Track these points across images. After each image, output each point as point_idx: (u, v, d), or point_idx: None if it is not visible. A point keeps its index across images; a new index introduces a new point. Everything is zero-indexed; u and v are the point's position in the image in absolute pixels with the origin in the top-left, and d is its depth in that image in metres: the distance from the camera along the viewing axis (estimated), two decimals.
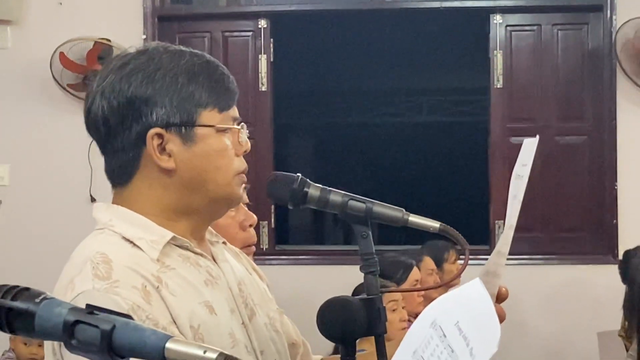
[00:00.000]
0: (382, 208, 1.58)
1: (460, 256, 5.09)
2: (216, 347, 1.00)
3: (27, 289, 1.06)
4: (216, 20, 5.86)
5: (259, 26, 5.81)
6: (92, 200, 5.44)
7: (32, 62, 5.64)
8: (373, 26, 8.05)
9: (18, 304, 1.04)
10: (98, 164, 1.66)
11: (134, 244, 1.56)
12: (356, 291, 3.57)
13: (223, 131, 1.61)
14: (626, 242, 5.24)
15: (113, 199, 1.64)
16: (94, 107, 1.60)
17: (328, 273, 5.52)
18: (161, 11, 5.78)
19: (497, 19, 5.70)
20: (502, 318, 1.46)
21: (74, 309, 1.03)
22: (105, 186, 1.67)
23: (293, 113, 9.59)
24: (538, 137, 1.56)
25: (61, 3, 5.66)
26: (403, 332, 1.98)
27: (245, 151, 1.65)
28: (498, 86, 5.71)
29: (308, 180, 1.60)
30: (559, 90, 5.70)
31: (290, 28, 6.74)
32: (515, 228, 1.56)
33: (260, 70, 5.79)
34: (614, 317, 4.81)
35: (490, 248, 5.47)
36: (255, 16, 5.82)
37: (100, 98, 1.59)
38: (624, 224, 5.50)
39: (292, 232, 9.13)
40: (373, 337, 1.54)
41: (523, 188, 1.55)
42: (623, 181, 5.52)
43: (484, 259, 1.63)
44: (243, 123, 1.66)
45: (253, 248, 2.33)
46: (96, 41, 5.52)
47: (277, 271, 5.41)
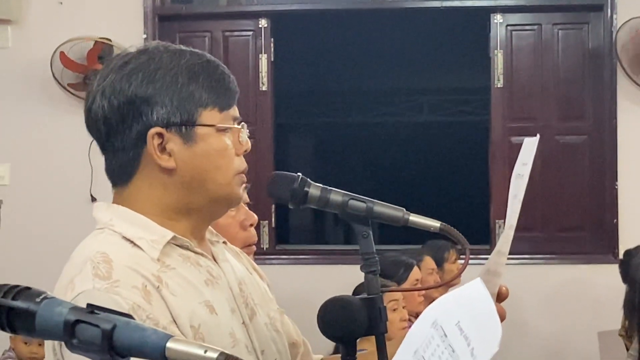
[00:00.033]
0: (383, 208, 1.58)
1: (460, 256, 5.09)
2: (217, 347, 1.00)
3: (28, 289, 1.06)
4: (217, 19, 5.85)
5: (260, 26, 5.81)
6: (93, 199, 5.43)
7: (33, 62, 5.64)
8: (373, 26, 8.05)
9: (19, 304, 1.04)
10: (98, 164, 1.66)
11: (135, 244, 1.56)
12: (357, 291, 3.57)
13: (223, 131, 1.61)
14: (626, 242, 5.24)
15: (113, 199, 1.64)
16: (95, 107, 1.60)
17: (328, 273, 5.52)
18: (161, 11, 5.78)
19: (498, 19, 5.70)
20: (503, 317, 1.45)
21: (75, 309, 1.03)
22: (105, 186, 1.66)
23: (293, 113, 9.59)
24: (538, 137, 1.56)
25: (61, 2, 5.66)
26: (403, 332, 1.98)
27: (245, 151, 1.65)
28: (498, 86, 5.71)
29: (308, 179, 1.60)
30: (560, 89, 5.69)
31: (290, 28, 6.73)
32: (515, 227, 1.56)
33: (260, 69, 5.79)
34: (615, 317, 4.81)
35: (490, 247, 5.47)
36: (255, 16, 5.82)
37: (100, 97, 1.59)
38: (624, 224, 5.50)
39: (293, 232, 9.12)
40: (373, 337, 1.54)
41: (523, 187, 1.55)
42: (623, 181, 5.52)
43: (485, 259, 1.63)
44: (243, 122, 1.66)
45: (254, 247, 2.33)
46: (96, 41, 5.52)
47: (278, 271, 5.41)
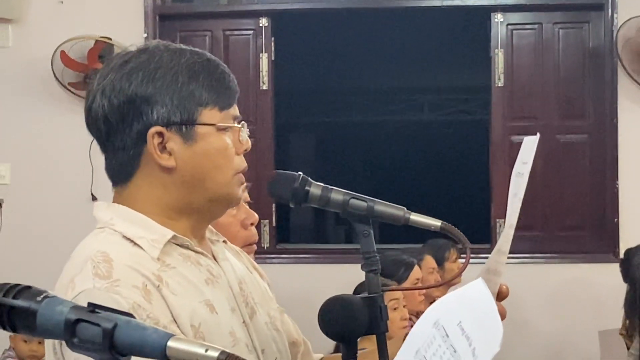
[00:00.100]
0: (384, 207, 1.57)
1: (461, 255, 5.09)
2: (217, 346, 1.00)
3: (29, 288, 1.06)
4: (217, 18, 5.85)
5: (260, 25, 5.81)
6: (94, 198, 5.43)
7: (33, 61, 5.64)
8: (374, 25, 8.05)
9: (20, 303, 1.04)
10: (99, 163, 1.66)
11: (135, 243, 1.56)
12: (357, 290, 3.57)
13: (223, 130, 1.61)
14: (627, 241, 5.24)
15: (113, 198, 1.64)
16: (95, 106, 1.60)
17: (329, 272, 5.52)
18: (162, 10, 5.78)
19: (498, 18, 5.70)
20: (503, 316, 1.45)
21: (76, 308, 1.03)
22: (106, 185, 1.66)
23: (294, 112, 9.59)
24: (538, 135, 1.56)
25: (62, 1, 5.66)
26: (404, 331, 1.98)
27: (245, 150, 1.65)
28: (499, 85, 5.71)
29: (309, 179, 1.60)
30: (560, 88, 5.69)
31: (291, 27, 6.74)
32: (516, 227, 1.55)
33: (261, 68, 5.79)
34: (615, 316, 4.81)
35: (491, 246, 5.47)
36: (256, 15, 5.82)
37: (100, 96, 1.59)
38: (625, 223, 5.50)
39: (294, 231, 9.13)
40: (374, 336, 1.54)
41: (523, 186, 1.55)
42: (624, 180, 5.52)
43: (485, 258, 1.63)
44: (243, 122, 1.66)
45: (254, 246, 2.33)
46: (97, 40, 5.52)
47: (278, 270, 5.41)
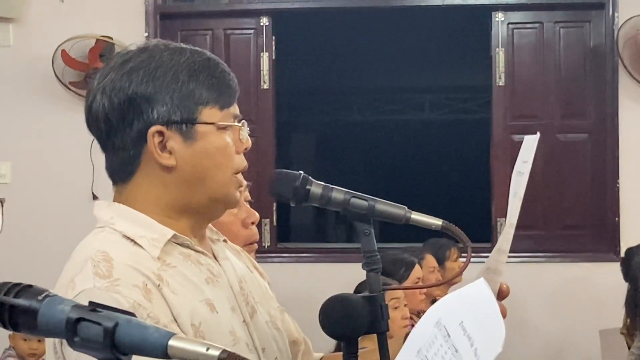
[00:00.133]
0: (385, 206, 1.57)
1: (462, 254, 5.09)
2: (219, 345, 1.00)
3: (30, 287, 1.06)
4: (218, 18, 5.85)
5: (261, 24, 5.81)
6: (94, 197, 5.42)
7: (34, 60, 5.64)
8: (375, 24, 8.05)
9: (21, 302, 1.04)
10: (100, 162, 1.66)
11: (135, 242, 1.56)
12: (358, 289, 3.56)
13: (224, 129, 1.61)
14: (628, 240, 5.24)
15: (114, 197, 1.64)
16: (95, 105, 1.60)
17: (330, 271, 5.52)
18: (163, 9, 5.78)
19: (499, 17, 5.70)
20: (504, 315, 1.45)
21: (77, 307, 1.02)
22: (107, 184, 1.67)
23: (295, 111, 9.59)
24: (539, 134, 1.56)
25: (63, 1, 5.66)
26: (405, 330, 1.98)
27: (246, 149, 1.65)
28: (500, 84, 5.71)
29: (310, 177, 1.60)
30: (561, 88, 5.69)
31: (292, 26, 6.73)
32: (516, 226, 1.55)
33: (262, 68, 5.79)
34: (616, 315, 4.81)
35: (492, 245, 5.47)
36: (257, 14, 5.82)
37: (101, 96, 1.59)
38: (626, 222, 5.50)
39: (294, 230, 9.13)
40: (375, 335, 1.54)
41: (524, 185, 1.55)
42: (625, 179, 5.52)
43: (486, 257, 1.63)
44: (244, 120, 1.66)
45: (255, 246, 2.33)
46: (98, 39, 5.52)
47: (279, 269, 5.41)
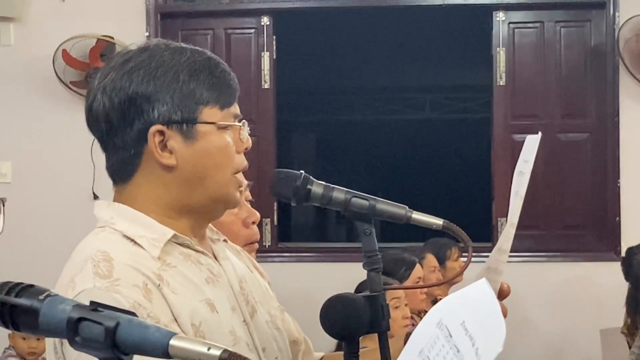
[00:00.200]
0: (385, 205, 1.57)
1: (463, 253, 5.09)
2: (219, 344, 1.00)
3: (31, 286, 1.06)
4: (219, 17, 5.85)
5: (262, 23, 5.81)
6: (95, 197, 5.42)
7: (35, 60, 5.64)
8: (375, 23, 8.05)
9: (22, 301, 1.04)
10: (101, 161, 1.66)
11: (135, 242, 1.56)
12: (359, 288, 3.56)
13: (224, 128, 1.61)
14: (629, 239, 5.24)
15: (114, 197, 1.64)
16: (96, 104, 1.60)
17: (331, 270, 5.52)
18: (164, 8, 5.78)
19: (500, 16, 5.69)
20: (504, 315, 1.45)
21: (78, 306, 1.02)
22: (108, 183, 1.66)
23: (296, 110, 9.60)
24: (540, 134, 1.56)
25: (64, 0, 5.66)
26: (405, 330, 1.98)
27: (246, 148, 1.65)
28: (501, 83, 5.71)
29: (311, 177, 1.60)
30: (562, 87, 5.69)
31: (293, 25, 6.74)
32: (518, 225, 1.55)
33: (262, 67, 5.79)
34: (617, 315, 4.81)
35: (493, 245, 5.44)
36: (257, 13, 5.82)
37: (101, 95, 1.59)
38: (627, 221, 5.50)
39: (295, 229, 9.13)
40: (375, 335, 1.54)
41: (525, 185, 1.54)
42: (626, 178, 5.51)
43: (487, 256, 1.63)
44: (244, 120, 1.66)
45: (256, 245, 2.33)
46: (99, 38, 5.52)
47: (280, 268, 5.41)
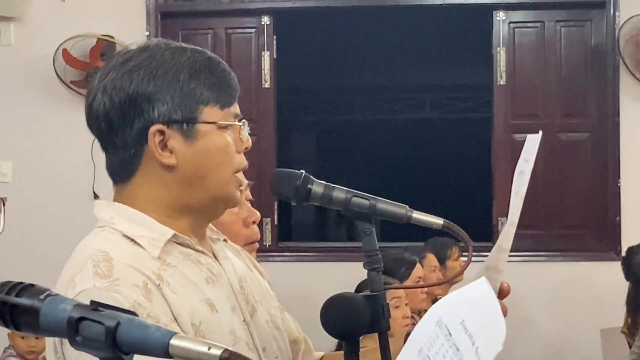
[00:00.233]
0: (386, 205, 1.57)
1: (463, 253, 5.09)
2: (220, 344, 1.00)
3: (32, 286, 1.06)
4: (219, 17, 5.85)
5: (262, 23, 5.81)
6: (95, 197, 5.42)
7: (35, 59, 5.64)
8: (376, 23, 8.05)
9: (23, 301, 1.04)
10: (101, 161, 1.66)
11: (135, 242, 1.56)
12: (359, 288, 3.56)
13: (224, 128, 1.61)
14: (629, 239, 5.24)
15: (114, 196, 1.64)
16: (96, 104, 1.59)
17: (331, 270, 5.52)
18: (164, 8, 5.78)
19: (500, 16, 5.69)
20: (504, 314, 1.45)
21: (79, 306, 1.02)
22: (108, 183, 1.66)
23: (296, 110, 9.60)
24: (541, 133, 1.56)
25: (64, 0, 5.66)
26: (406, 329, 1.98)
27: (246, 148, 1.65)
28: (501, 83, 5.71)
29: (311, 177, 1.60)
30: (562, 87, 5.69)
31: (293, 25, 6.74)
32: (518, 225, 1.55)
33: (263, 67, 5.79)
34: (617, 314, 4.81)
35: (493, 245, 5.44)
36: (258, 13, 5.82)
37: (101, 95, 1.58)
38: (627, 221, 5.50)
39: (295, 229, 9.13)
40: (376, 334, 1.54)
41: (525, 184, 1.54)
42: (626, 178, 5.51)
43: (487, 256, 1.63)
44: (244, 120, 1.66)
45: (256, 245, 2.33)
46: (99, 38, 5.52)
47: (280, 268, 5.41)
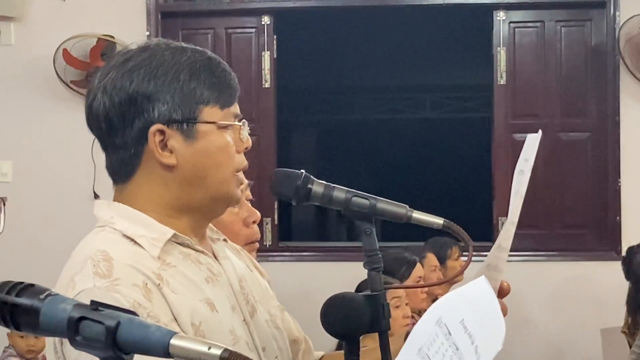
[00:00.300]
0: (386, 205, 1.57)
1: (463, 253, 5.09)
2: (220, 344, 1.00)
3: (32, 285, 1.06)
4: (219, 16, 5.85)
5: (262, 23, 5.81)
6: (96, 196, 5.42)
7: (36, 59, 5.64)
8: (376, 23, 8.05)
9: (23, 300, 1.04)
10: (101, 161, 1.66)
11: (135, 242, 1.56)
12: (360, 288, 3.56)
13: (224, 128, 1.61)
14: (629, 239, 5.24)
15: (114, 196, 1.64)
16: (96, 104, 1.59)
17: (331, 269, 5.52)
18: (164, 8, 5.78)
19: (500, 16, 5.69)
20: (504, 313, 1.46)
21: (79, 306, 1.02)
22: (108, 183, 1.66)
23: (296, 110, 9.59)
24: (540, 133, 1.56)
25: (64, 0, 5.66)
26: (406, 329, 1.98)
27: (246, 148, 1.65)
28: (501, 83, 5.71)
29: (312, 176, 1.60)
30: (562, 86, 5.69)
31: (293, 24, 6.74)
32: (518, 224, 1.56)
33: (263, 66, 5.79)
34: (617, 314, 4.81)
35: (493, 245, 5.46)
36: (258, 13, 5.82)
37: (101, 94, 1.58)
38: (627, 221, 5.50)
39: (296, 229, 9.12)
40: (376, 334, 1.54)
41: (525, 183, 1.55)
42: (626, 178, 5.51)
43: (487, 256, 1.63)
44: (244, 120, 1.66)
45: (256, 245, 2.33)
46: (99, 38, 5.52)
47: (281, 268, 5.41)
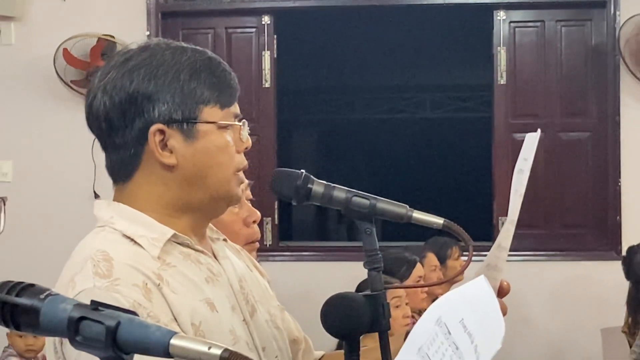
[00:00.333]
0: (386, 204, 1.57)
1: (463, 252, 5.09)
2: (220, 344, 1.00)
3: (32, 285, 1.06)
4: (220, 16, 5.85)
5: (263, 22, 5.81)
6: (96, 196, 5.42)
7: (36, 59, 5.64)
8: (376, 22, 8.04)
9: (23, 300, 1.04)
10: (101, 160, 1.66)
11: (135, 242, 1.56)
12: (360, 287, 3.56)
13: (224, 127, 1.61)
14: (629, 239, 5.24)
15: (114, 196, 1.64)
16: (96, 103, 1.59)
17: (331, 269, 5.52)
18: (164, 7, 5.78)
19: (501, 15, 5.69)
20: (504, 313, 1.46)
21: (79, 305, 1.02)
22: (108, 183, 1.66)
23: (296, 109, 9.59)
24: (539, 132, 1.56)
25: None
26: (406, 329, 1.98)
27: (246, 148, 1.65)
28: (501, 82, 5.71)
29: (312, 176, 1.60)
30: (563, 86, 5.69)
31: (293, 24, 6.73)
32: (518, 224, 1.56)
33: (263, 66, 5.79)
34: (618, 314, 4.81)
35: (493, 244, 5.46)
36: (258, 12, 5.82)
37: (101, 94, 1.58)
38: (627, 221, 5.50)
39: (296, 228, 9.13)
40: (376, 333, 1.54)
41: (525, 182, 1.55)
42: (626, 177, 5.51)
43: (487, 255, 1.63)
44: (244, 120, 1.66)
45: (257, 244, 2.33)
46: (99, 37, 5.53)
47: (281, 267, 5.41)
